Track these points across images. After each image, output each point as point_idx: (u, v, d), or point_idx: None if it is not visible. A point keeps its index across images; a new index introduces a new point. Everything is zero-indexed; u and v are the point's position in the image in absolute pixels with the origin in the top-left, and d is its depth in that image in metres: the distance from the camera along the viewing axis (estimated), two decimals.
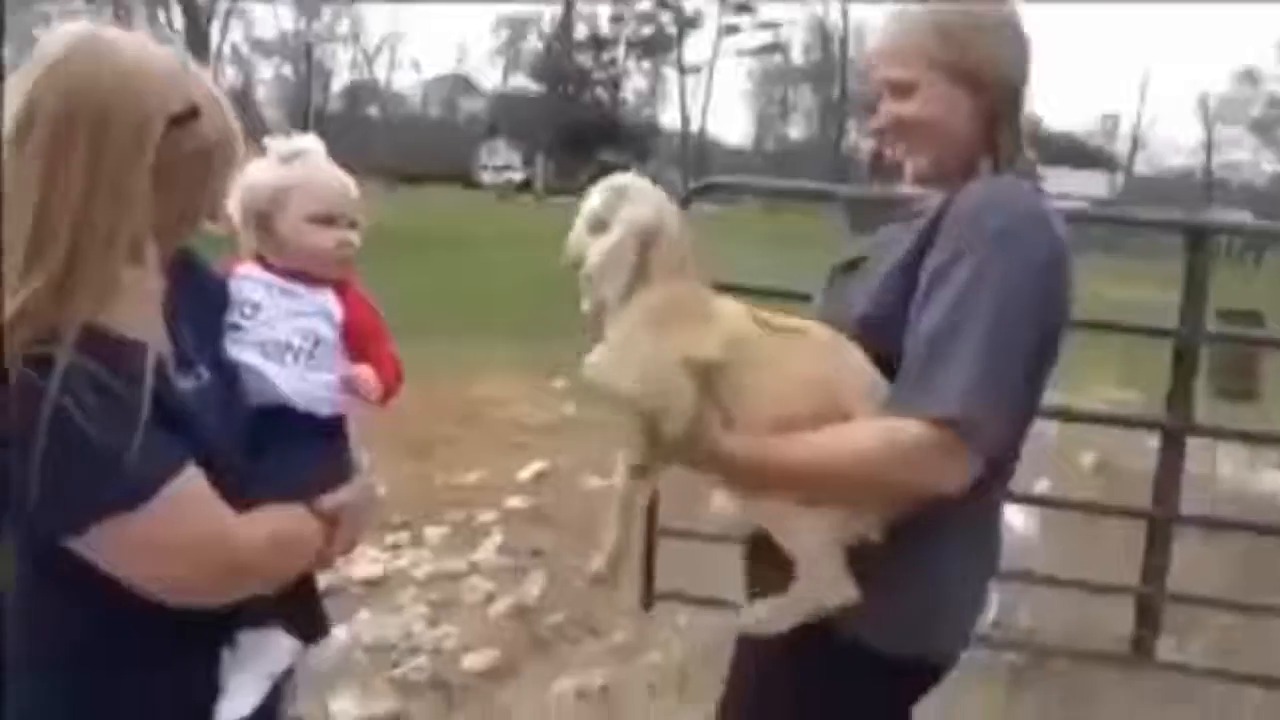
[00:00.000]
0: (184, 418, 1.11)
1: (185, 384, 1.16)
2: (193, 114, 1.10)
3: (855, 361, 1.28)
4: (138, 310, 1.12)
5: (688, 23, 51.96)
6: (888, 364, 1.27)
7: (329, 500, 1.26)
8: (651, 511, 3.02)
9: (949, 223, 1.27)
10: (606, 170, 1.58)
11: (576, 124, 47.90)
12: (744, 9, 48.69)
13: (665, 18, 52.40)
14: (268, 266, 1.37)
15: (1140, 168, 39.34)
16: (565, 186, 40.06)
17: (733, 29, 50.41)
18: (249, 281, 1.35)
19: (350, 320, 1.36)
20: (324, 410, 1.32)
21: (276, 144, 1.38)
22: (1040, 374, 1.31)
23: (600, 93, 54.20)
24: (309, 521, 1.24)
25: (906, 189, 1.48)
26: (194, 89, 1.12)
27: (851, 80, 41.93)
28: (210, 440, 1.14)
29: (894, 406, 1.24)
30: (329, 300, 1.36)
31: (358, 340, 1.37)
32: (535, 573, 3.81)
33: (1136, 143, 39.22)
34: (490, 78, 58.46)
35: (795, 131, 52.65)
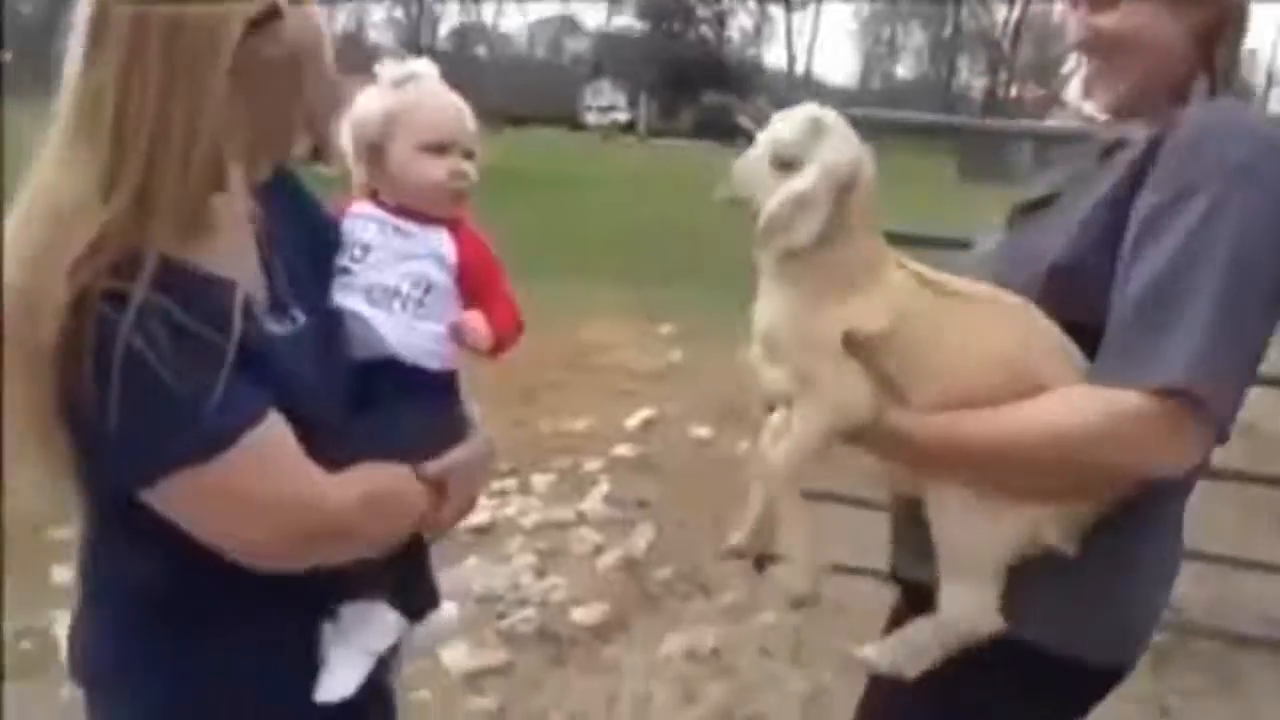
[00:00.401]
0: (272, 365, 1.01)
1: (277, 328, 1.07)
2: (273, 15, 0.99)
3: (1045, 327, 1.10)
4: (224, 241, 1.03)
5: None
6: (1080, 328, 1.09)
7: (434, 464, 1.16)
8: None
9: (1168, 154, 1.07)
10: (709, 111, 1.37)
11: (680, 63, 47.03)
12: None
13: None
14: (381, 204, 1.26)
15: (1274, 105, 36.72)
16: (669, 128, 39.50)
17: None
18: (361, 220, 1.25)
19: (464, 263, 1.25)
20: (433, 364, 1.22)
21: (387, 68, 1.27)
22: (1271, 331, 1.10)
23: (705, 31, 53.08)
24: (411, 483, 1.14)
25: (1076, 122, 1.28)
26: None
27: (964, 17, 40.00)
28: (302, 392, 1.04)
29: (1105, 375, 1.05)
30: (442, 240, 1.24)
31: (472, 285, 1.25)
32: (643, 525, 3.74)
33: (1271, 78, 36.56)
34: (595, 17, 57.90)
35: (903, 70, 50.74)
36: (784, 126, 1.13)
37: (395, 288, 1.21)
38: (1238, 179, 1.03)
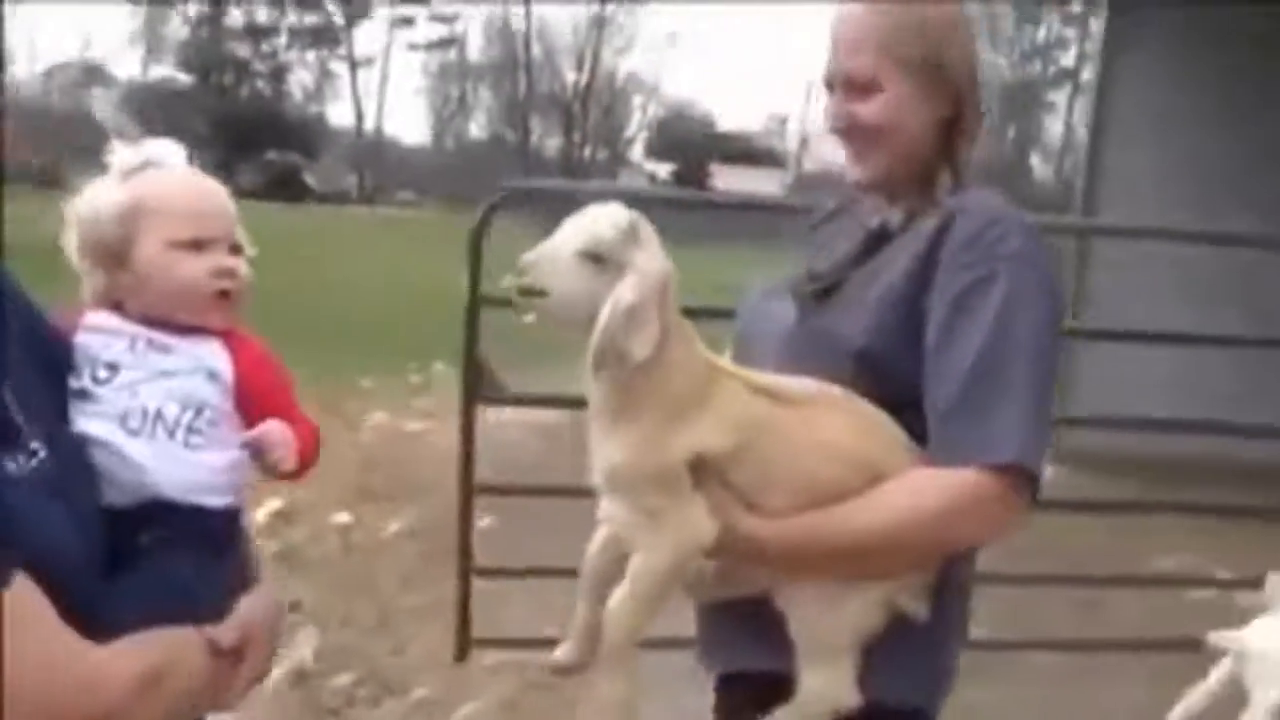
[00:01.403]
0: (10, 515, 0.82)
1: (12, 466, 0.86)
2: None
3: (873, 416, 1.19)
4: None
5: (356, 13, 50.17)
6: (890, 407, 1.19)
7: (228, 627, 1.01)
8: (465, 548, 2.78)
9: (960, 244, 1.20)
10: (273, 169, 1.31)
11: (235, 119, 44.59)
12: (418, 0, 47.81)
13: (331, 6, 50.26)
14: (126, 314, 1.09)
15: (806, 165, 43.27)
16: (228, 185, 37.16)
17: (406, 21, 49.35)
18: (101, 335, 1.07)
19: (242, 378, 1.09)
20: (214, 501, 1.05)
21: (119, 153, 1.11)
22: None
23: (261, 86, 50.96)
24: (197, 651, 0.97)
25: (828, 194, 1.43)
26: None
27: (536, 79, 42.53)
28: (50, 546, 0.85)
29: (942, 457, 1.16)
30: (213, 353, 1.09)
31: (254, 403, 1.10)
32: (304, 630, 3.39)
33: (805, 141, 43.09)
34: (126, 68, 53.20)
35: (476, 130, 52.64)
36: (601, 223, 1.11)
37: (158, 412, 1.04)
38: (1021, 263, 1.18)
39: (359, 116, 50.40)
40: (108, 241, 1.10)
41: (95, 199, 1.11)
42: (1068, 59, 39.54)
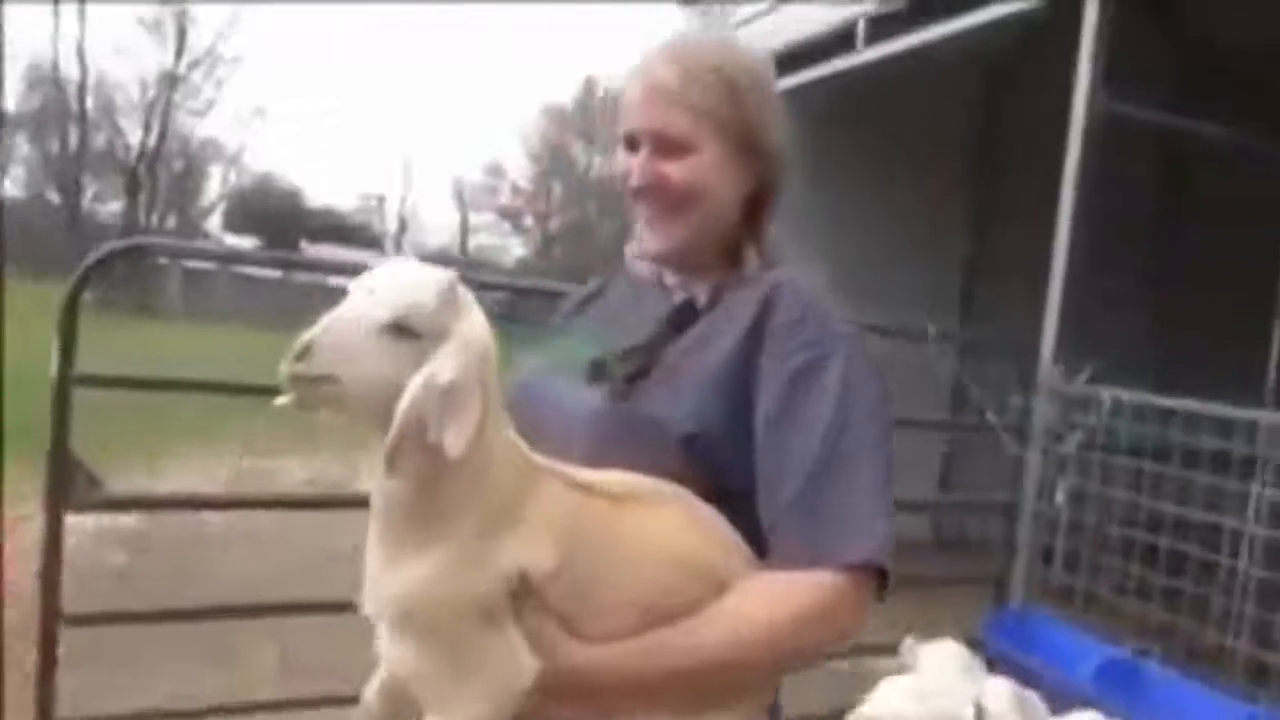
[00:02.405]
0: None
1: None
2: None
3: (708, 515, 1.09)
4: None
5: None
6: (717, 494, 1.11)
7: None
8: (46, 697, 2.22)
9: (787, 323, 1.15)
10: None
11: None
12: None
13: None
14: None
15: (405, 247, 43.05)
16: None
17: None
18: None
19: None
20: None
21: None
22: None
23: None
24: None
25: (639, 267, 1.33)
26: None
27: (92, 133, 38.46)
28: None
29: (794, 558, 1.07)
30: None
31: None
32: None
33: (404, 222, 43.00)
34: None
35: (14, 188, 46.51)
36: (415, 288, 0.90)
37: None
38: (851, 343, 1.16)
39: None
40: None
41: None
42: None
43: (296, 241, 35.13)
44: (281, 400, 0.91)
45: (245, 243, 35.67)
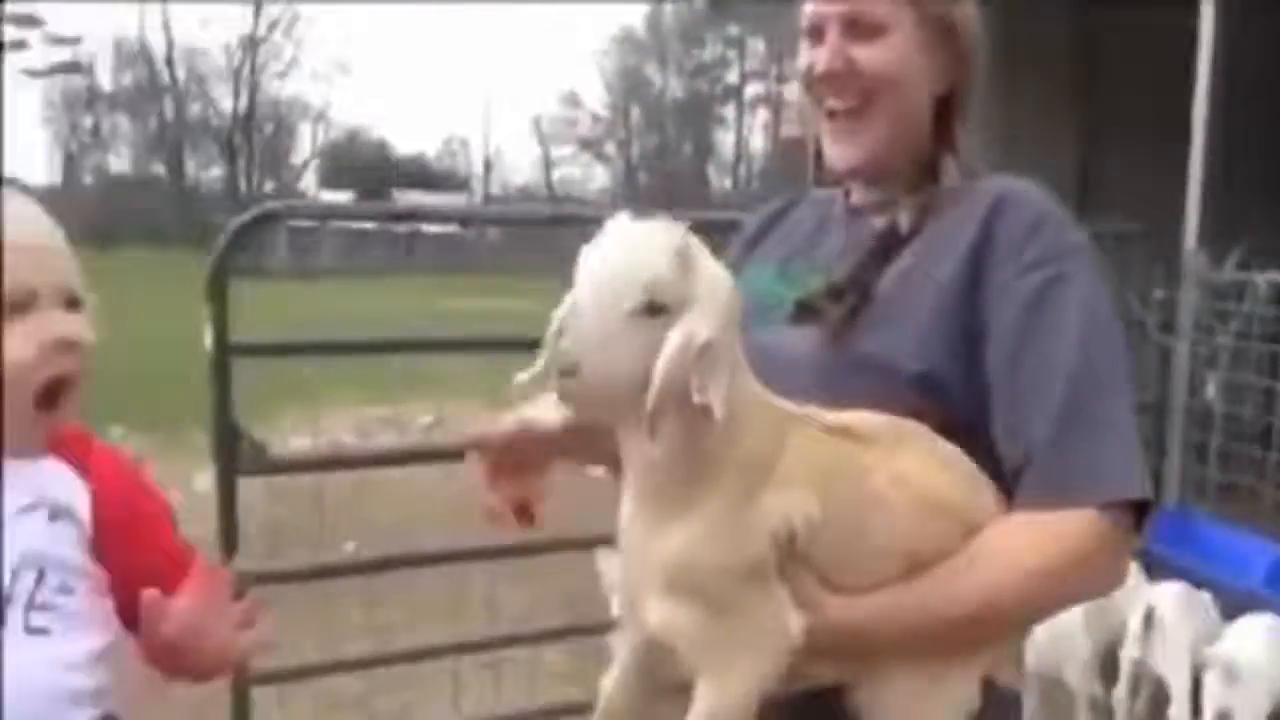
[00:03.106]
0: None
1: None
2: None
3: (955, 454, 1.01)
4: None
5: None
6: (944, 432, 1.02)
7: None
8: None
9: (1016, 239, 1.05)
10: None
11: None
12: (29, 21, 42.88)
13: None
14: None
15: (493, 187, 43.48)
16: None
17: (17, 44, 44.22)
18: None
19: (110, 513, 0.80)
20: (77, 715, 0.74)
21: None
22: None
23: None
24: None
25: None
26: None
27: (186, 104, 39.46)
28: None
29: (1042, 493, 0.99)
30: (59, 480, 0.78)
31: (132, 548, 0.81)
32: None
33: (489, 162, 43.27)
34: None
35: (119, 164, 48.11)
36: (645, 264, 0.85)
37: None
38: (1087, 259, 1.05)
39: None
40: None
41: None
42: (732, 76, 42.65)
43: (388, 192, 35.64)
44: (522, 377, 0.90)
45: (340, 197, 36.35)
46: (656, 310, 0.85)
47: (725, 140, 43.30)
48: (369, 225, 32.35)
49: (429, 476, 5.23)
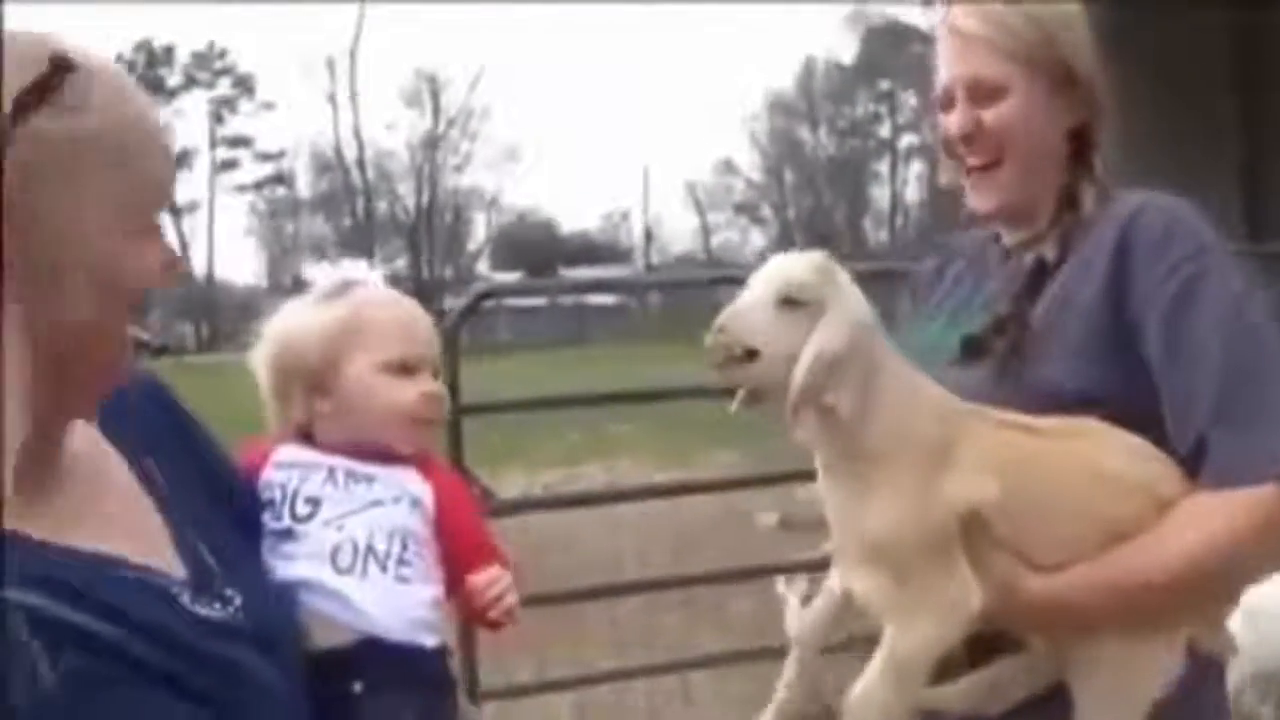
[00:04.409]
0: (208, 670, 0.73)
1: (206, 612, 0.79)
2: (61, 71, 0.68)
3: (1137, 441, 1.09)
4: (82, 493, 0.74)
5: (176, 162, 48.71)
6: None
7: None
8: (471, 668, 2.65)
9: (1151, 248, 1.11)
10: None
11: None
12: (240, 143, 47.15)
13: None
14: (316, 445, 1.06)
15: (654, 257, 44.28)
16: None
17: (229, 164, 48.57)
18: (296, 469, 1.02)
19: (443, 506, 1.06)
20: (428, 640, 0.99)
21: (318, 274, 1.10)
22: None
23: None
24: None
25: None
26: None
27: (374, 204, 42.31)
28: (262, 697, 0.78)
29: (1220, 473, 1.05)
30: (413, 480, 1.05)
31: (453, 533, 1.06)
32: None
33: (649, 231, 44.19)
34: None
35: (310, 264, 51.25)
36: (790, 267, 1.06)
37: (368, 546, 0.98)
38: (1220, 252, 1.12)
39: (187, 265, 48.74)
40: (310, 364, 1.05)
41: (296, 320, 1.07)
42: (884, 131, 42.29)
43: (555, 269, 36.91)
44: (735, 404, 1.09)
45: (511, 279, 37.93)
46: (797, 304, 1.03)
47: (880, 195, 42.90)
48: (539, 301, 33.66)
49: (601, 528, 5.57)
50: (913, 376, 1.08)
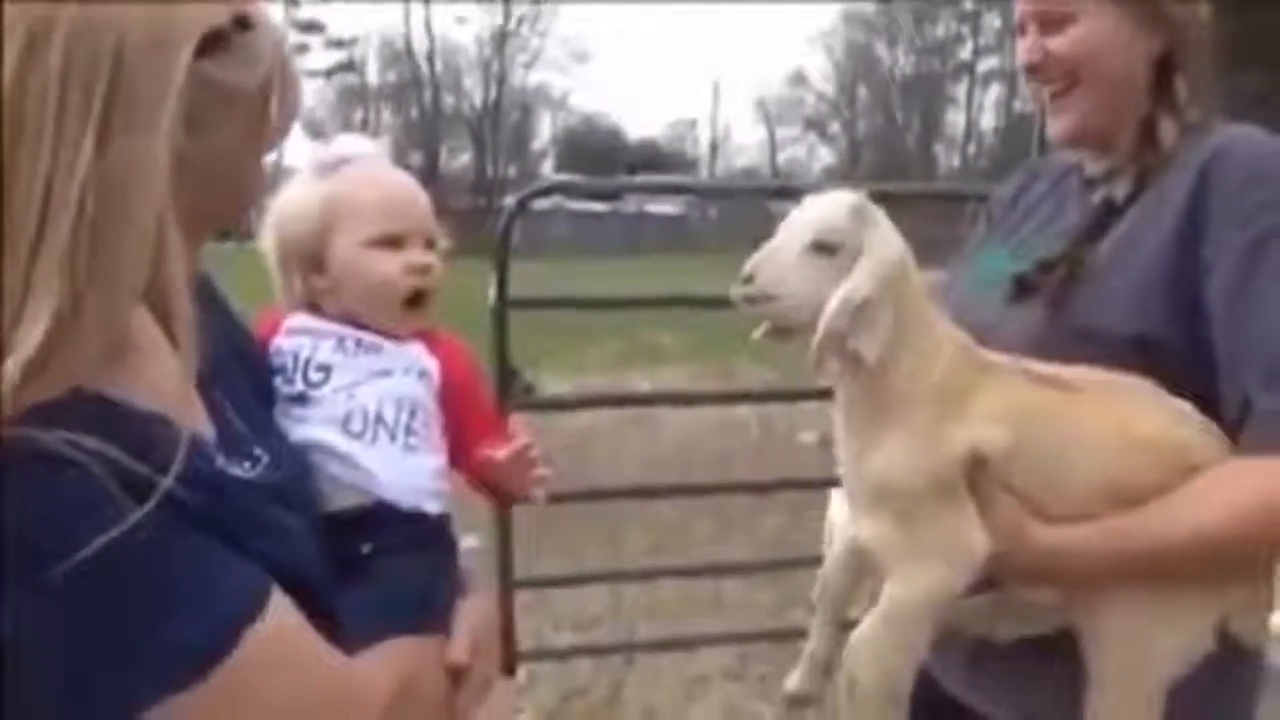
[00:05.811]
0: (250, 523, 0.76)
1: (238, 471, 0.81)
2: (238, 26, 0.76)
3: (1177, 403, 1.04)
4: (147, 356, 0.75)
5: None
6: (1171, 390, 1.05)
7: (459, 643, 0.96)
8: (505, 558, 2.70)
9: (1232, 191, 1.04)
10: None
11: None
12: (312, 27, 46.90)
13: None
14: (325, 316, 1.06)
15: (719, 168, 43.80)
16: None
17: (301, 49, 48.45)
18: (308, 337, 1.03)
19: (450, 379, 1.07)
20: (432, 506, 1.01)
21: (314, 151, 1.08)
22: None
23: None
24: (435, 666, 0.94)
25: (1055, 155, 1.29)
26: None
27: (442, 96, 42.13)
28: (293, 552, 0.80)
29: (1264, 438, 0.99)
30: (421, 352, 1.06)
31: (459, 406, 1.07)
32: None
33: (715, 144, 43.56)
34: None
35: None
36: (824, 210, 1.02)
37: (378, 414, 0.99)
38: None
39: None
40: (302, 241, 1.06)
41: (293, 200, 1.07)
42: (965, 53, 40.87)
43: (619, 175, 36.58)
44: (758, 333, 1.08)
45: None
46: (828, 250, 1.00)
47: (954, 119, 41.68)
48: (601, 206, 33.51)
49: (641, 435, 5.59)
50: (942, 326, 1.05)
